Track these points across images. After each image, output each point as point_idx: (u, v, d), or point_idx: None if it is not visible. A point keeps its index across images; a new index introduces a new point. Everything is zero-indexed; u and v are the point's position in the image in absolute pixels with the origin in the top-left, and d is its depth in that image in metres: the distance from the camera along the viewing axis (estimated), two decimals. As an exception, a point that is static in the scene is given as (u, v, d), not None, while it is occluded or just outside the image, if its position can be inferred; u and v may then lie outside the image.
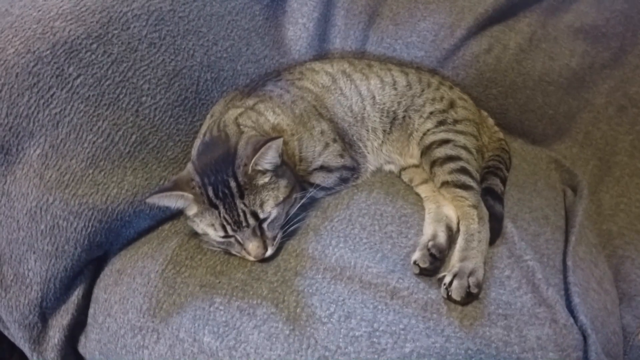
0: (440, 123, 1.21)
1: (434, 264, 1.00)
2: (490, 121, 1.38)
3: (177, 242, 1.08)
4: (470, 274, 0.97)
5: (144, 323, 0.99)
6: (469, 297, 0.95)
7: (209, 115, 1.20)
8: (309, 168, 1.11)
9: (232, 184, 0.96)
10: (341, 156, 1.14)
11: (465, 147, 1.18)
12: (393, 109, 1.23)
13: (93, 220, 1.07)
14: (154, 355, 0.95)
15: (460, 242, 1.05)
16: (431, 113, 1.22)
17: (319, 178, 1.11)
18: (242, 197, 0.95)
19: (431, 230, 1.07)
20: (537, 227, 1.20)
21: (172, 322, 0.96)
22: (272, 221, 0.99)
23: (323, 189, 1.12)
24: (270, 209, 0.97)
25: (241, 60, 1.32)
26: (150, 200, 0.97)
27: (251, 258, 0.99)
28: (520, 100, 1.43)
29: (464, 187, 1.11)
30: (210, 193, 0.96)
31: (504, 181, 1.22)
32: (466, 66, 1.40)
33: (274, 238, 1.00)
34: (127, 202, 1.09)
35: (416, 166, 1.21)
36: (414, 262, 1.00)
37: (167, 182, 1.02)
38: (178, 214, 1.13)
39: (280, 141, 0.95)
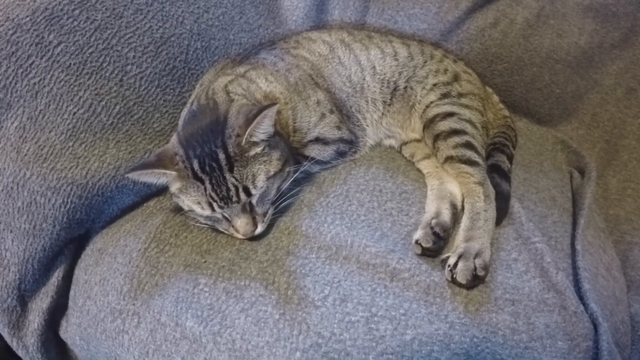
0: (444, 95, 1.08)
1: (437, 243, 0.89)
2: (495, 98, 1.26)
3: (162, 219, 0.96)
4: (477, 255, 0.86)
5: (124, 306, 0.87)
6: (475, 280, 0.84)
7: (198, 85, 1.07)
8: (304, 140, 0.99)
9: (221, 155, 0.83)
10: (338, 128, 1.02)
11: (470, 121, 1.06)
12: (394, 79, 1.11)
13: (72, 196, 0.95)
14: (134, 340, 0.84)
15: (465, 221, 0.94)
16: (434, 85, 1.10)
17: (314, 151, 0.99)
18: (231, 170, 0.83)
19: (434, 207, 0.95)
20: (544, 208, 1.08)
21: (154, 305, 0.84)
22: (262, 196, 0.87)
23: (318, 162, 1.00)
24: (262, 183, 0.85)
25: (234, 29, 1.19)
26: (130, 175, 0.85)
27: (239, 236, 0.88)
28: (527, 78, 1.30)
29: (469, 162, 0.99)
30: (196, 166, 0.84)
31: (510, 158, 1.10)
32: (471, 40, 1.28)
33: (265, 214, 0.88)
34: (109, 177, 0.97)
35: (418, 141, 1.09)
36: (416, 242, 0.89)
37: (149, 157, 0.90)
38: (165, 189, 1.01)
39: (275, 109, 0.83)
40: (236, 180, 0.83)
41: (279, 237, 0.90)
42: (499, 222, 0.98)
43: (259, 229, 0.88)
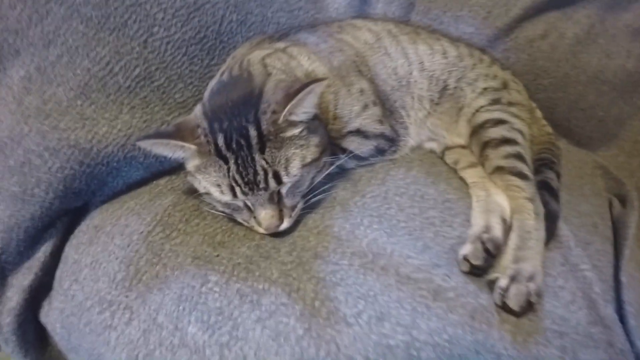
0: (495, 101, 0.89)
1: (487, 261, 0.69)
2: (539, 113, 1.07)
3: (172, 201, 0.75)
4: (530, 278, 0.68)
5: (116, 297, 0.66)
6: (528, 307, 0.66)
7: (230, 57, 0.87)
8: (343, 130, 0.79)
9: (252, 132, 0.64)
10: (380, 122, 0.83)
11: (521, 132, 0.87)
12: (443, 77, 0.91)
13: (73, 160, 0.75)
14: (122, 339, 0.63)
15: (514, 240, 0.74)
16: (484, 89, 0.91)
17: (353, 143, 0.79)
18: (262, 150, 0.64)
19: (483, 221, 0.76)
20: (587, 234, 0.89)
21: (151, 301, 0.64)
22: (294, 186, 0.67)
23: (355, 157, 0.80)
24: (296, 171, 0.65)
25: (273, 6, 0.99)
26: (142, 144, 0.65)
27: (261, 230, 0.68)
28: (571, 96, 1.12)
29: (521, 175, 0.80)
30: (220, 142, 0.64)
31: (559, 177, 0.91)
32: (518, 50, 1.09)
33: (293, 208, 0.68)
34: (118, 145, 0.77)
35: (462, 147, 0.90)
36: (464, 258, 0.69)
37: (168, 126, 0.70)
38: (178, 168, 0.81)
39: (324, 85, 0.63)
40: (267, 163, 0.64)
41: (306, 236, 0.69)
42: (545, 243, 0.79)
43: (285, 224, 0.68)
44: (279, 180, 0.64)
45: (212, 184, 0.66)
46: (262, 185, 0.64)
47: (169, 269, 0.66)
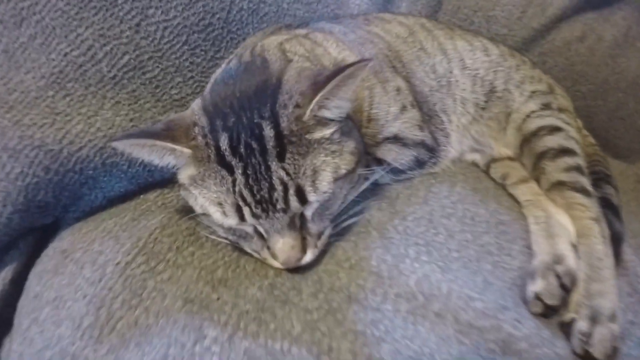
0: (546, 106, 0.68)
1: (564, 299, 0.49)
2: (580, 122, 0.86)
3: (161, 222, 0.51)
4: (611, 318, 0.49)
5: (81, 350, 0.43)
6: (613, 355, 0.47)
7: (240, 47, 0.65)
8: (378, 135, 0.56)
9: (268, 132, 0.41)
10: (420, 128, 0.61)
11: (577, 141, 0.66)
12: (489, 78, 0.70)
13: (37, 165, 0.52)
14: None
15: (584, 270, 0.53)
16: (533, 92, 0.70)
17: (390, 153, 0.57)
18: (281, 157, 0.41)
19: (549, 247, 0.55)
20: (646, 260, 0.68)
21: (124, 362, 0.41)
22: (322, 207, 0.45)
23: (392, 171, 0.58)
24: (326, 186, 0.42)
25: (289, -4, 0.78)
26: (118, 145, 0.43)
27: (277, 264, 0.45)
28: (611, 104, 0.91)
29: (584, 192, 0.59)
30: (224, 144, 0.42)
31: (617, 192, 0.70)
32: (555, 53, 0.88)
33: (319, 235, 0.46)
34: (95, 148, 0.54)
35: (511, 159, 0.68)
36: (537, 296, 0.49)
37: (156, 124, 0.47)
38: (173, 179, 0.58)
39: (368, 66, 0.41)
40: (287, 174, 0.41)
41: (335, 272, 0.46)
42: (613, 271, 0.58)
43: (309, 256, 0.45)
44: (303, 198, 0.42)
45: (211, 202, 0.43)
46: (280, 205, 0.41)
47: (152, 316, 0.43)
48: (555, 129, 0.65)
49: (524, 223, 0.61)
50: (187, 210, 0.50)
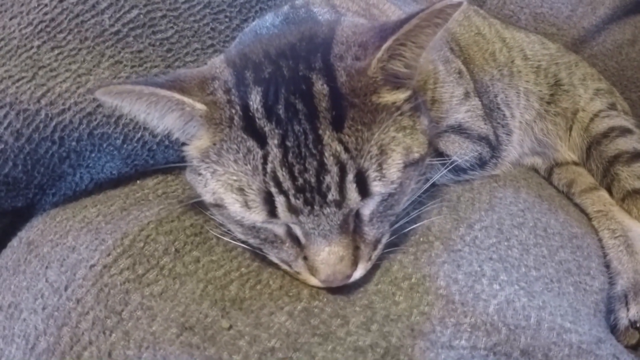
0: (612, 106, 0.56)
1: None
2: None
3: (158, 214, 0.35)
4: None
5: (28, 387, 0.29)
6: None
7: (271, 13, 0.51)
8: (442, 122, 0.42)
9: (320, 87, 0.26)
10: (483, 120, 0.46)
11: None
12: (552, 70, 0.56)
13: (5, 128, 0.37)
14: None
15: None
16: (597, 90, 0.57)
17: (453, 145, 0.42)
18: (338, 125, 0.26)
19: (633, 265, 0.42)
20: None
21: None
22: (385, 205, 0.29)
23: (453, 169, 0.42)
24: (396, 174, 0.27)
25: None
26: (104, 95, 0.28)
27: (315, 281, 0.29)
28: (664, 116, 0.78)
29: None
30: (255, 102, 0.27)
31: None
32: (606, 56, 0.75)
33: (376, 244, 0.30)
34: (82, 113, 0.39)
35: (576, 164, 0.54)
36: (633, 325, 0.37)
37: (162, 75, 0.32)
38: (181, 164, 0.43)
39: (461, 8, 0.26)
40: (346, 150, 0.26)
41: (391, 292, 0.31)
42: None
43: (359, 271, 0.29)
44: (364, 188, 0.27)
45: (227, 187, 0.28)
46: (332, 195, 0.26)
47: (132, 346, 0.27)
48: (626, 131, 0.52)
49: (595, 237, 0.47)
50: (194, 203, 0.34)
